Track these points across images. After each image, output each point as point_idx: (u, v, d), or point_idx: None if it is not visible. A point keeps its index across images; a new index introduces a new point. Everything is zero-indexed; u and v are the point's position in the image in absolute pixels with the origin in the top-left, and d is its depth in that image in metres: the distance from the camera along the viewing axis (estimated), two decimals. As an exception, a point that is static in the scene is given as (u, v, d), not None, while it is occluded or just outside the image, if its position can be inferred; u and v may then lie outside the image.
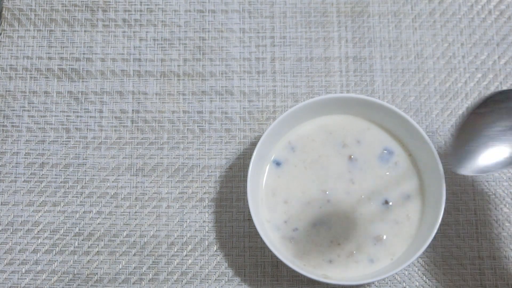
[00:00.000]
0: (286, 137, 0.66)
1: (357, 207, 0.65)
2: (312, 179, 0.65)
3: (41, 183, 0.70)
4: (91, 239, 0.68)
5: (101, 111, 0.71)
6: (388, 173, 0.65)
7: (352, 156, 0.66)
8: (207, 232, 0.68)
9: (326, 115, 0.67)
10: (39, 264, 0.68)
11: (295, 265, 0.62)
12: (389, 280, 0.67)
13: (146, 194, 0.69)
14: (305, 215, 0.65)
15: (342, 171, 0.65)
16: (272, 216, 0.65)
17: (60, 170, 0.70)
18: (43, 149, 0.70)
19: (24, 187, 0.69)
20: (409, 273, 0.67)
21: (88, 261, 0.68)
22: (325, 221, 0.64)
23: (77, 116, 0.71)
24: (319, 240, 0.64)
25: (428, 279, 0.67)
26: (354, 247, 0.64)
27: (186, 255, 0.68)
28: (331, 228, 0.64)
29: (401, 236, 0.64)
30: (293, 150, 0.66)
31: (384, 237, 0.64)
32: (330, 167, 0.66)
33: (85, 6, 0.74)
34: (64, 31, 0.73)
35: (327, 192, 0.65)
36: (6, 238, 0.68)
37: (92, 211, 0.69)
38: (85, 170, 0.70)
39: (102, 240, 0.68)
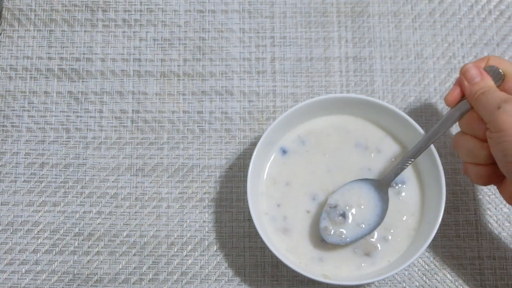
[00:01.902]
0: (296, 130, 0.67)
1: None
2: (318, 168, 0.66)
3: (41, 183, 0.70)
4: (91, 239, 0.68)
5: (101, 111, 0.71)
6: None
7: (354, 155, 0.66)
8: (207, 232, 0.68)
9: (335, 114, 0.67)
10: (39, 264, 0.68)
11: (292, 263, 0.62)
12: (389, 280, 0.67)
13: (146, 194, 0.69)
14: (300, 202, 0.65)
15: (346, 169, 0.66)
16: (269, 204, 0.65)
17: (60, 170, 0.70)
18: (43, 149, 0.70)
19: (24, 187, 0.69)
20: (409, 273, 0.67)
21: (88, 261, 0.68)
22: (318, 213, 0.64)
23: (77, 116, 0.71)
24: (312, 235, 0.64)
25: (428, 279, 0.67)
26: (352, 246, 0.64)
27: (186, 255, 0.68)
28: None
29: (401, 236, 0.64)
30: (303, 143, 0.66)
31: (385, 237, 0.64)
32: (339, 164, 0.66)
33: (85, 6, 0.74)
34: (64, 31, 0.73)
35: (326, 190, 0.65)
36: (6, 238, 0.68)
37: (92, 211, 0.69)
38: (85, 170, 0.70)
39: (102, 240, 0.68)
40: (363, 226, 0.63)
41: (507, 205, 0.69)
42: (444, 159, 0.69)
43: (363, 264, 0.63)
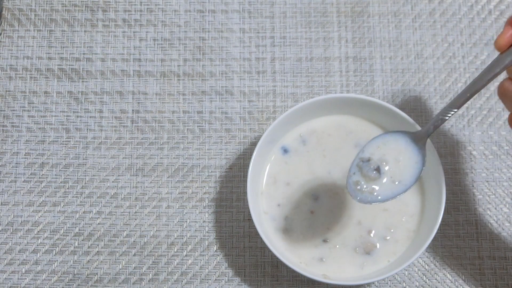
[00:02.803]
0: (297, 129, 0.67)
1: (357, 204, 0.65)
2: (318, 169, 0.65)
3: (41, 183, 0.70)
4: (91, 239, 0.68)
5: (101, 111, 0.71)
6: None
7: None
8: (207, 232, 0.68)
9: (336, 114, 0.67)
10: (39, 264, 0.68)
11: (292, 263, 0.62)
12: (389, 280, 0.67)
13: (146, 194, 0.69)
14: (302, 202, 0.65)
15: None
16: (269, 204, 0.65)
17: (60, 170, 0.70)
18: (43, 149, 0.70)
19: (24, 187, 0.69)
20: (409, 273, 0.67)
21: (88, 261, 0.68)
22: (321, 214, 0.64)
23: (77, 116, 0.71)
24: (312, 235, 0.64)
25: (428, 279, 0.67)
26: (352, 246, 0.64)
27: (186, 255, 0.68)
28: (328, 225, 0.64)
29: (401, 237, 0.64)
30: (303, 143, 0.66)
31: (385, 237, 0.64)
32: (340, 163, 0.66)
33: (85, 6, 0.74)
34: (64, 31, 0.73)
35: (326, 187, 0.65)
36: (6, 238, 0.68)
37: (92, 211, 0.69)
38: (85, 170, 0.70)
39: (102, 240, 0.68)
40: (398, 183, 0.57)
41: (507, 205, 0.69)
42: (444, 159, 0.69)
43: (364, 264, 0.63)
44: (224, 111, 0.71)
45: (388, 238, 0.64)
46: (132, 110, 0.71)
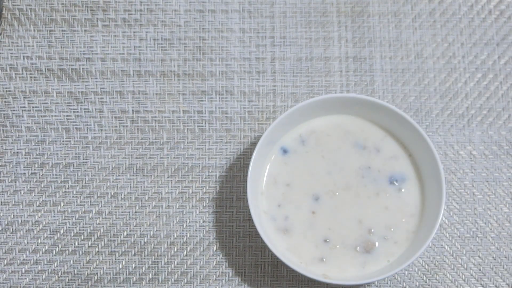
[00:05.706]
0: (297, 129, 0.67)
1: (358, 204, 0.65)
2: (318, 169, 0.65)
3: (41, 183, 0.70)
4: (91, 239, 0.68)
5: (101, 111, 0.71)
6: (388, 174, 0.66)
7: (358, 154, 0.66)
8: (207, 232, 0.68)
9: (332, 114, 0.67)
10: (39, 264, 0.68)
11: (292, 263, 0.62)
12: (389, 280, 0.67)
13: (146, 194, 0.69)
14: (302, 202, 0.65)
15: (351, 168, 0.66)
16: (269, 204, 0.65)
17: (60, 170, 0.70)
18: (43, 149, 0.70)
19: (24, 187, 0.69)
20: (409, 273, 0.67)
21: (88, 261, 0.68)
22: (322, 214, 0.64)
23: (77, 116, 0.71)
24: (312, 235, 0.64)
25: (428, 279, 0.67)
26: (353, 245, 0.64)
27: (186, 255, 0.68)
28: (329, 226, 0.64)
29: (401, 236, 0.64)
30: (303, 143, 0.66)
31: (384, 236, 0.64)
32: (340, 163, 0.66)
33: (85, 6, 0.74)
34: (64, 31, 0.73)
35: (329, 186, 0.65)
36: (6, 238, 0.68)
37: (92, 211, 0.69)
38: (85, 170, 0.70)
39: (102, 240, 0.68)
40: None
41: (507, 205, 0.69)
42: (444, 159, 0.69)
43: (364, 263, 0.63)
44: (224, 111, 0.71)
45: (387, 237, 0.64)
46: (132, 110, 0.71)
